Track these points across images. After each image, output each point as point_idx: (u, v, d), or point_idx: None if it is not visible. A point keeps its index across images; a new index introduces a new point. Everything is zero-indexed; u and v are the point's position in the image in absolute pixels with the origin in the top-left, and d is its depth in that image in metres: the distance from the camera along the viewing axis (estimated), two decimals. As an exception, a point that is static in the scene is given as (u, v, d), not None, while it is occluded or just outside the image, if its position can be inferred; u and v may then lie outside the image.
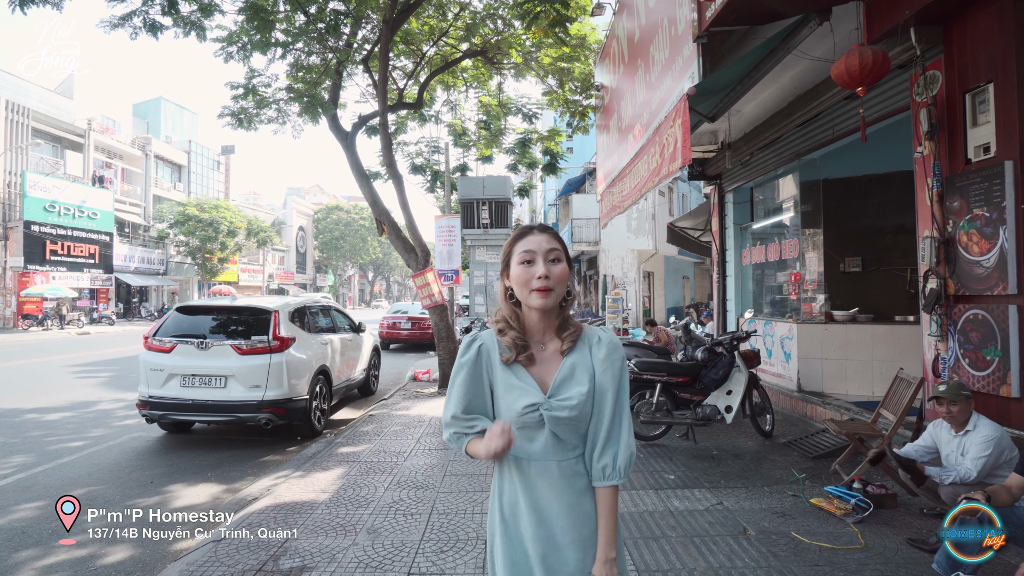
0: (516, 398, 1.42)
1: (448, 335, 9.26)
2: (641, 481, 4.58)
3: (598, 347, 1.45)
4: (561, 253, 1.42)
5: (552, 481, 1.42)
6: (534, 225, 1.48)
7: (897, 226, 8.23)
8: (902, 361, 6.43)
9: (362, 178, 9.74)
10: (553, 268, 1.39)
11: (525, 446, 1.43)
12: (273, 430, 6.33)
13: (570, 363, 1.43)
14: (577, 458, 1.44)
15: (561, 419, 1.39)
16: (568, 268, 1.43)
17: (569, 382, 1.41)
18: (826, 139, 6.23)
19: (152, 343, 6.08)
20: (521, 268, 1.41)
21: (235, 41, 8.84)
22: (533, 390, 1.42)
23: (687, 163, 4.70)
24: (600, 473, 1.42)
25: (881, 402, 4.64)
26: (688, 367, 5.81)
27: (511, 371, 1.45)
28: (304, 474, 4.86)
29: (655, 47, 6.23)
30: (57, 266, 27.73)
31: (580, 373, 1.42)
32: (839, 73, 3.71)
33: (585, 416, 1.41)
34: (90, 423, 7.07)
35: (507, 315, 1.47)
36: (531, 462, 1.44)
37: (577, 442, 1.44)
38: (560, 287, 1.41)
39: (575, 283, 27.50)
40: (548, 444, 1.42)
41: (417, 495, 4.31)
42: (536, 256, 1.40)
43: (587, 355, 1.44)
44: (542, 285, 1.37)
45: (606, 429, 1.42)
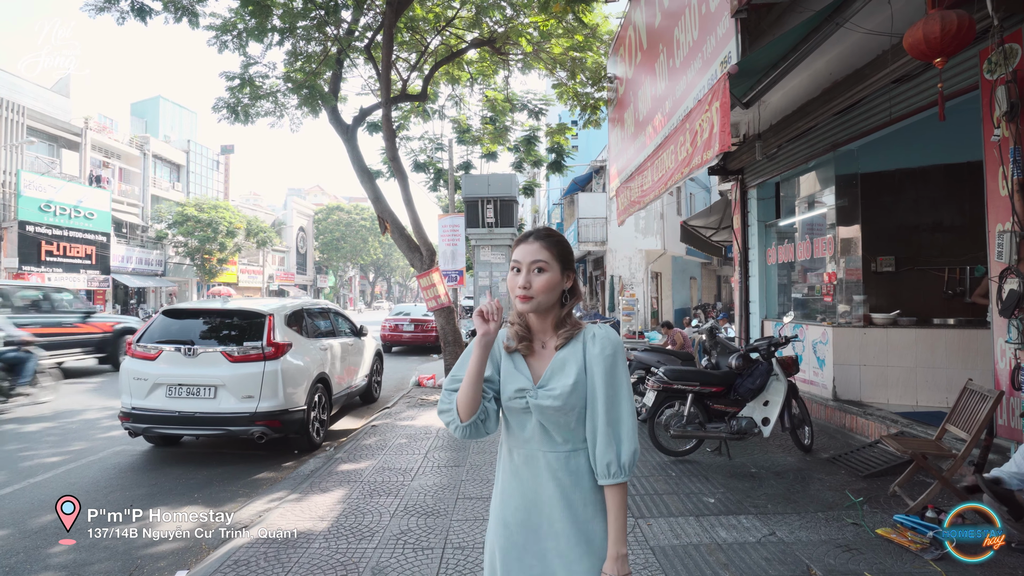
0: (510, 382, 1.50)
1: (455, 339, 8.77)
2: (679, 505, 4.08)
3: (592, 343, 1.48)
4: (548, 263, 1.47)
5: (538, 471, 1.48)
6: (531, 232, 1.53)
7: (933, 223, 7.75)
8: (951, 368, 5.96)
9: (364, 174, 9.25)
10: (535, 278, 1.46)
11: (516, 432, 1.52)
12: (268, 443, 5.83)
13: (561, 357, 1.49)
14: (569, 453, 1.47)
15: (545, 407, 1.44)
16: (559, 275, 1.48)
17: (558, 374, 1.47)
18: (869, 127, 5.73)
19: (136, 350, 5.59)
20: (511, 275, 1.50)
21: (230, 29, 8.37)
22: (525, 378, 1.49)
23: (726, 149, 4.22)
24: (605, 471, 1.43)
25: (947, 416, 4.13)
26: (722, 376, 5.31)
27: (512, 360, 1.53)
28: (300, 497, 4.36)
29: (680, 29, 5.74)
30: (53, 267, 27.20)
31: (569, 367, 1.47)
32: (915, 41, 3.23)
33: (570, 409, 1.44)
34: (72, 435, 6.58)
35: (513, 315, 1.56)
36: (519, 449, 1.52)
37: (567, 436, 1.47)
38: (543, 295, 1.47)
39: (580, 284, 26.95)
40: (536, 433, 1.48)
41: (427, 524, 3.82)
42: (521, 266, 1.47)
43: (580, 351, 1.48)
44: (521, 294, 1.46)
45: (605, 424, 1.43)
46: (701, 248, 15.08)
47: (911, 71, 4.78)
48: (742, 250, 8.67)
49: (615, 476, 1.43)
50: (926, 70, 4.71)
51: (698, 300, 27.58)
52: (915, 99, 4.99)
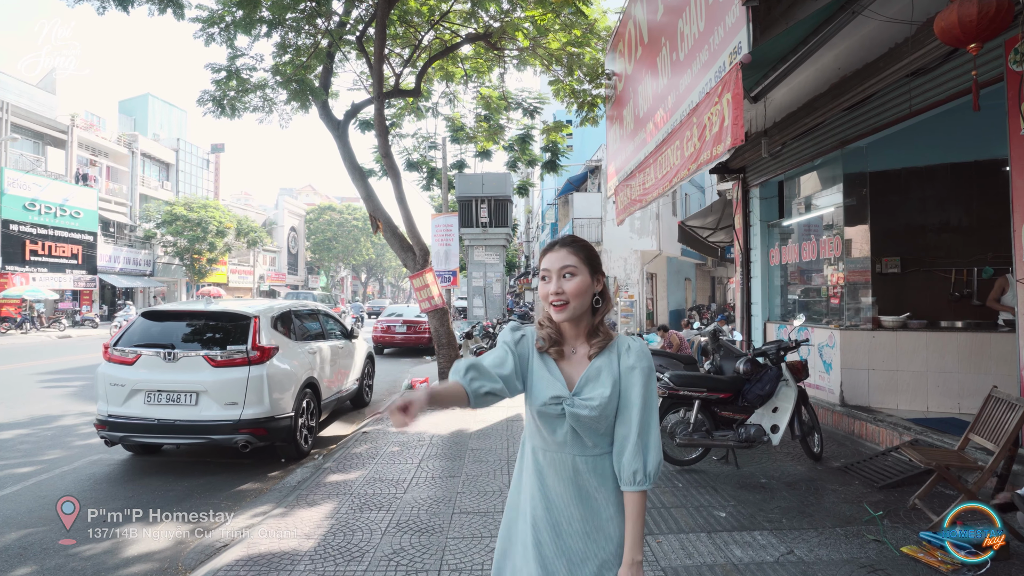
0: (544, 387, 1.47)
1: (449, 341, 8.51)
2: (688, 520, 3.85)
3: (627, 354, 1.49)
4: (577, 267, 1.46)
5: (565, 473, 1.48)
6: (556, 241, 1.52)
7: (939, 223, 7.58)
8: (963, 373, 5.76)
9: (355, 171, 8.98)
10: (566, 284, 1.45)
11: (546, 436, 1.50)
12: (253, 452, 5.56)
13: (597, 366, 1.48)
14: (597, 456, 1.48)
15: (582, 417, 1.43)
16: (590, 279, 1.47)
17: (594, 383, 1.46)
18: (881, 123, 5.53)
19: (113, 354, 5.29)
20: (541, 284, 1.50)
21: (217, 21, 8.08)
22: (560, 384, 1.47)
23: (739, 143, 3.99)
24: (631, 478, 1.44)
25: (970, 425, 3.92)
26: (730, 381, 5.08)
27: (544, 363, 1.51)
28: (286, 511, 4.09)
29: (685, 21, 5.53)
30: (38, 267, 26.69)
31: (605, 376, 1.46)
32: (948, 26, 3.01)
33: (605, 418, 1.45)
34: (47, 443, 6.26)
35: (543, 318, 1.54)
36: (548, 452, 1.51)
37: (597, 441, 1.48)
38: (577, 300, 1.45)
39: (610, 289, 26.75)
40: (568, 438, 1.47)
41: (422, 542, 3.56)
42: (551, 274, 1.47)
43: (614, 361, 1.48)
44: (555, 300, 1.45)
45: (636, 434, 1.44)
46: (698, 249, 14.90)
47: (929, 63, 4.58)
48: (743, 251, 8.47)
49: (640, 484, 1.43)
50: (945, 62, 4.51)
51: (692, 301, 27.45)
52: (932, 93, 4.78)
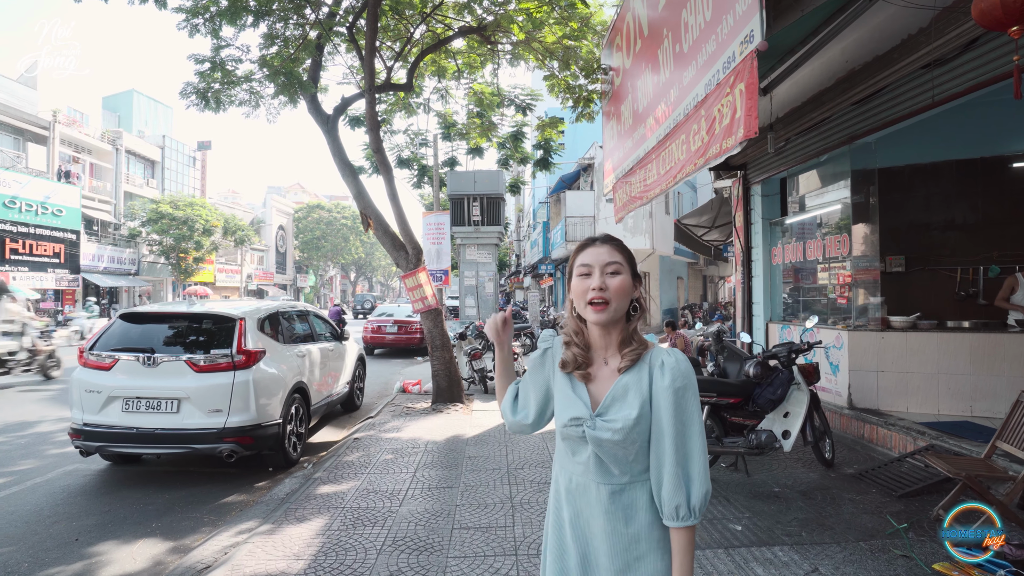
0: (566, 408, 1.38)
1: (443, 343, 8.25)
2: (704, 535, 3.63)
3: (660, 372, 1.32)
4: (622, 265, 1.36)
5: (590, 502, 1.36)
6: (596, 237, 1.43)
7: (944, 221, 7.43)
8: (975, 375, 5.60)
9: (345, 167, 8.69)
10: (611, 280, 1.34)
11: (569, 460, 1.41)
12: (239, 461, 5.27)
13: (624, 383, 1.34)
14: (625, 486, 1.33)
15: (603, 441, 1.31)
16: (632, 282, 1.37)
17: (620, 403, 1.33)
18: (891, 117, 5.33)
19: (88, 358, 4.99)
20: (578, 280, 1.38)
21: (201, 12, 7.76)
22: (583, 404, 1.36)
23: (752, 135, 3.77)
24: (673, 513, 1.28)
25: (997, 432, 3.74)
26: (740, 386, 4.87)
27: (568, 380, 1.41)
28: (273, 528, 3.82)
29: (689, 11, 5.30)
30: (18, 266, 26.03)
31: (632, 396, 1.32)
32: (989, 7, 2.80)
33: (632, 444, 1.30)
34: (19, 452, 5.93)
35: (572, 330, 1.43)
36: (574, 476, 1.39)
37: (624, 469, 1.33)
38: (618, 301, 1.34)
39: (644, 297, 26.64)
40: (590, 463, 1.35)
41: (420, 562, 3.31)
42: (593, 269, 1.36)
43: (645, 378, 1.33)
44: (597, 296, 1.32)
45: (674, 463, 1.28)
46: (694, 248, 14.75)
47: (946, 53, 4.40)
48: (744, 249, 8.28)
49: (684, 519, 1.28)
50: (963, 52, 4.33)
51: (685, 300, 27.37)
52: (949, 85, 4.60)
